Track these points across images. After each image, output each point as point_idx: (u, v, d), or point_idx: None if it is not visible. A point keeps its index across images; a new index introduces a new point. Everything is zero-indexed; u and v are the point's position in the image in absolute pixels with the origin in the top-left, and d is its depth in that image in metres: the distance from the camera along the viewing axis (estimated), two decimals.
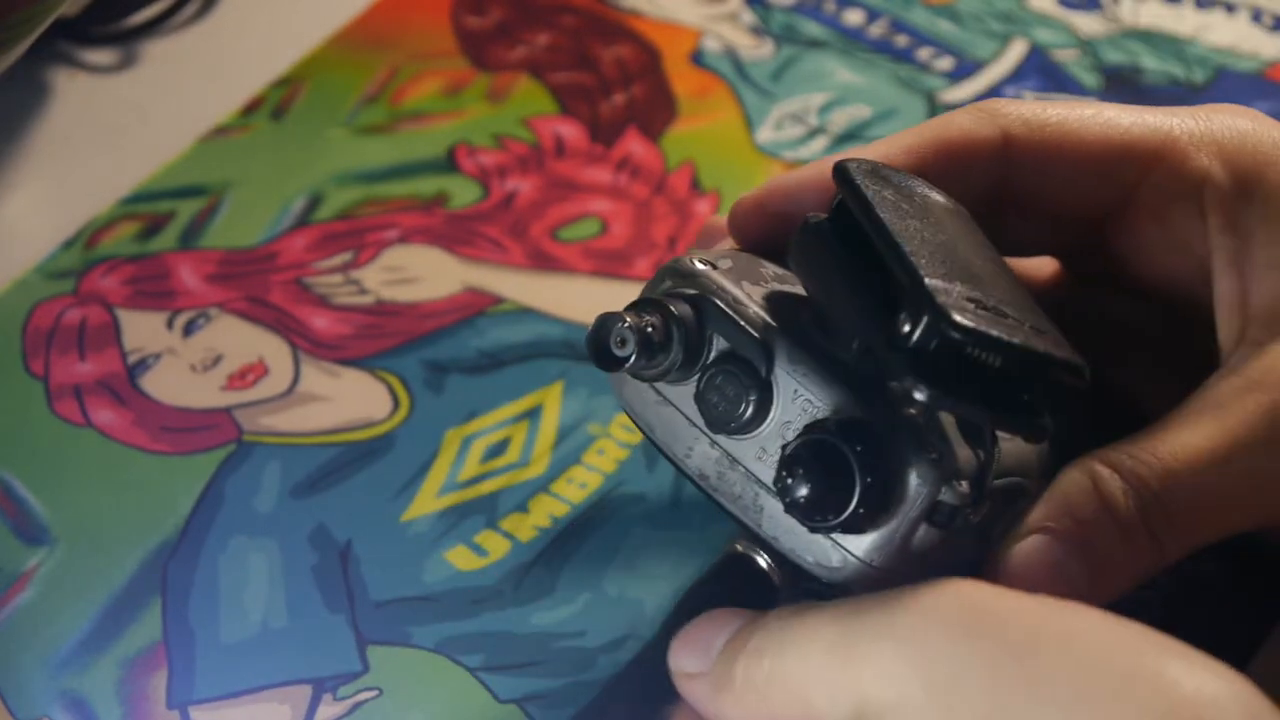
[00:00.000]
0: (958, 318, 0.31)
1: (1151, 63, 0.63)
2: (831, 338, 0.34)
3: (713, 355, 0.35)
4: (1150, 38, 0.64)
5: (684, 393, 0.35)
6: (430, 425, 0.49)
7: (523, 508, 0.47)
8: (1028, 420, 0.33)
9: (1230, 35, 0.65)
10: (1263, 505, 0.36)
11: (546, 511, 0.47)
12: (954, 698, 0.29)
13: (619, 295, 0.53)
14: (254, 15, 0.65)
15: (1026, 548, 0.34)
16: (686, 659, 0.35)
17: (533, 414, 0.49)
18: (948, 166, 0.38)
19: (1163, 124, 0.39)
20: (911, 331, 0.31)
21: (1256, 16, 0.65)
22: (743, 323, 0.34)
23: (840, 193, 0.34)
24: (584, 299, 0.53)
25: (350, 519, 0.46)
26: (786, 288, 0.36)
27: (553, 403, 0.50)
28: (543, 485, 0.47)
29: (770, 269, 0.37)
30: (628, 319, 0.34)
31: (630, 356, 0.34)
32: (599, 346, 0.34)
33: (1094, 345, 0.36)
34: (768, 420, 0.34)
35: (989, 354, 0.32)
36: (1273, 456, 0.36)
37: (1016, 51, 0.64)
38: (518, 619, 0.44)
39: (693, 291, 0.35)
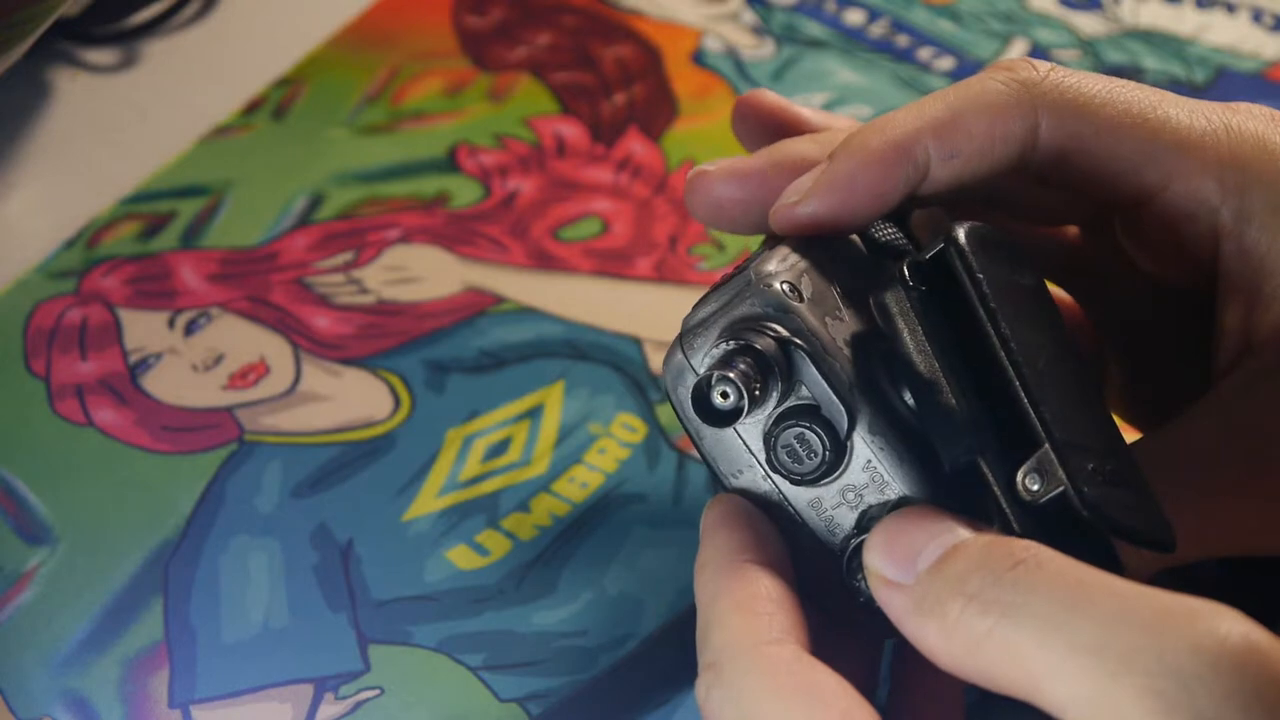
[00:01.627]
0: (1089, 494, 0.31)
1: (1152, 63, 0.63)
2: (921, 409, 0.34)
3: (791, 402, 0.34)
4: (1151, 38, 0.64)
5: (752, 424, 0.35)
6: (431, 425, 0.49)
7: (524, 507, 0.47)
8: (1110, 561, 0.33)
9: (1231, 35, 0.65)
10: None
11: (548, 511, 0.47)
12: None
13: (620, 295, 0.53)
14: (255, 15, 0.65)
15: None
16: (884, 561, 0.32)
17: (534, 413, 0.49)
18: (978, 140, 0.37)
19: (1189, 135, 0.37)
20: (1040, 494, 0.32)
21: (1257, 16, 0.65)
22: (832, 382, 0.34)
23: (953, 267, 0.33)
24: (585, 298, 0.53)
25: (351, 518, 0.46)
26: (864, 325, 0.35)
27: (554, 402, 0.50)
28: (544, 485, 0.47)
29: (838, 284, 0.36)
30: (727, 373, 0.33)
31: (743, 408, 0.33)
32: (707, 408, 0.33)
33: (1104, 319, 0.35)
34: (833, 479, 0.34)
35: (1102, 525, 0.32)
36: (1243, 508, 0.35)
37: (1017, 51, 0.64)
38: (519, 618, 0.44)
39: (783, 332, 0.34)
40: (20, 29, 0.53)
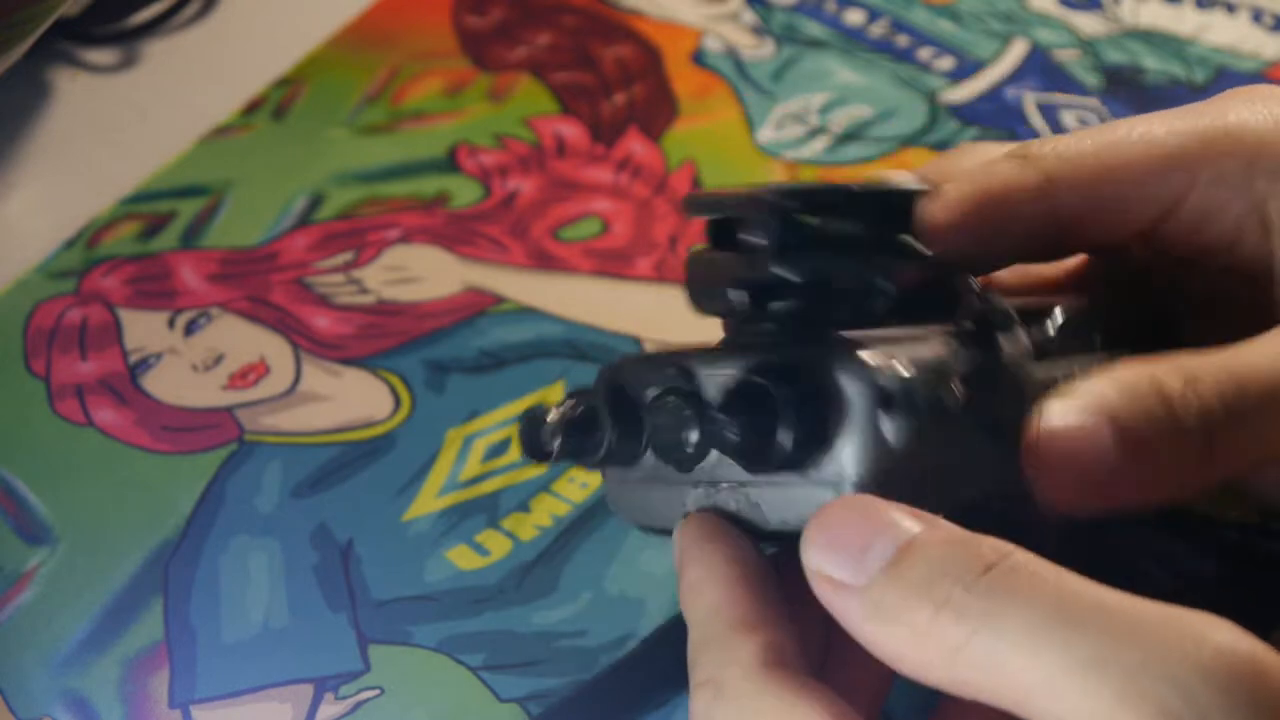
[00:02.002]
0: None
1: (1152, 63, 0.63)
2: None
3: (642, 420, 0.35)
4: (1151, 38, 0.64)
5: (647, 464, 0.36)
6: (431, 425, 0.49)
7: (524, 507, 0.47)
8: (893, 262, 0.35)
9: (1231, 35, 0.65)
10: None
11: (548, 511, 0.47)
12: None
13: (620, 295, 0.53)
14: (254, 15, 0.65)
15: (1072, 428, 0.32)
16: (828, 560, 0.31)
17: None
18: (993, 219, 0.37)
19: (1199, 124, 0.38)
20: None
21: (1257, 16, 0.65)
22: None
23: None
24: (585, 298, 0.53)
25: (351, 518, 0.46)
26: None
27: (554, 402, 0.50)
28: (544, 484, 0.47)
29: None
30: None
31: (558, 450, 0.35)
32: (537, 451, 0.37)
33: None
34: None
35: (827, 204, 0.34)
36: None
37: (1017, 51, 0.64)
38: (519, 618, 0.44)
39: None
40: (20, 29, 0.53)
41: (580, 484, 0.47)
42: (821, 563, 0.31)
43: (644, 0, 0.66)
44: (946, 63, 0.63)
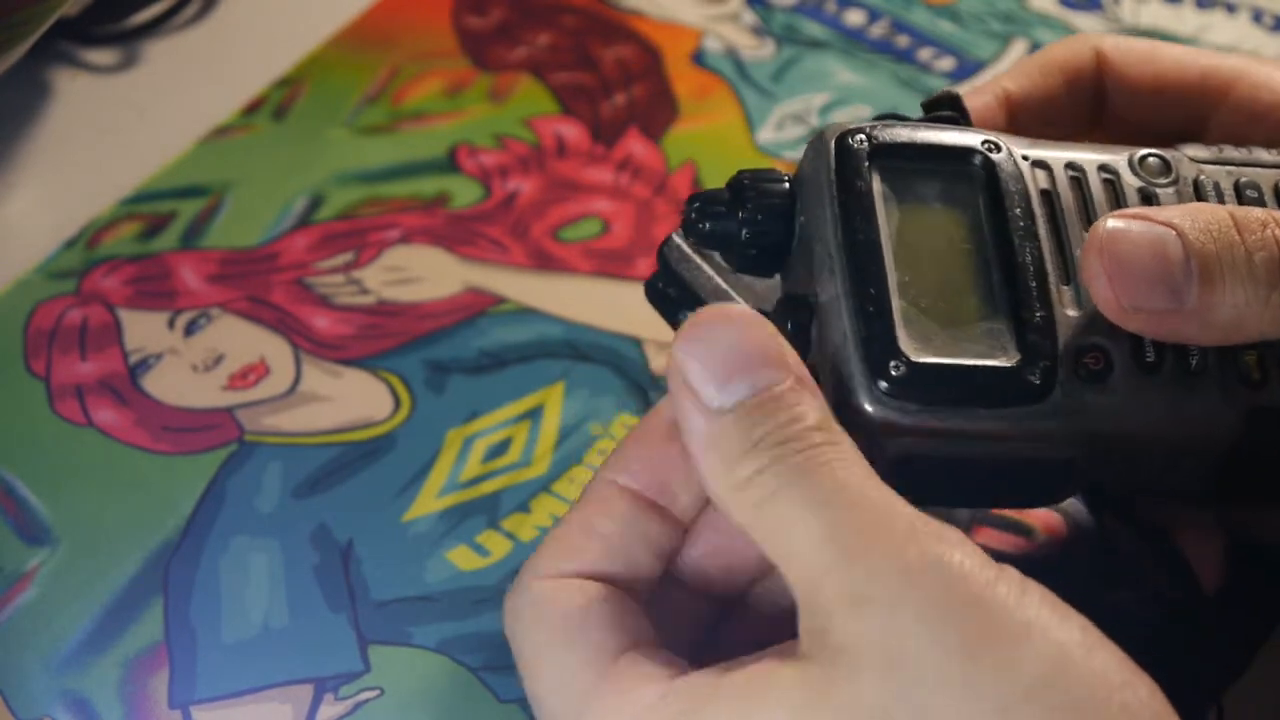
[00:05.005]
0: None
1: None
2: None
3: None
4: (1151, 38, 0.64)
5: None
6: (432, 425, 0.49)
7: (524, 508, 0.47)
8: None
9: (1231, 35, 0.65)
10: None
11: (548, 511, 0.47)
12: (906, 679, 0.30)
13: (620, 295, 0.53)
14: (255, 15, 0.65)
15: (1144, 229, 0.35)
16: (693, 370, 0.33)
17: (534, 414, 0.49)
18: (1054, 88, 0.42)
19: (1230, 59, 0.43)
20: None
21: (1257, 17, 0.65)
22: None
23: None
24: (585, 299, 0.53)
25: (352, 519, 0.46)
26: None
27: (554, 403, 0.50)
28: (544, 485, 0.47)
29: None
30: None
31: None
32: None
33: None
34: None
35: None
36: None
37: (1017, 52, 0.64)
38: None
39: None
40: (20, 29, 0.53)
41: (580, 485, 0.47)
42: (686, 368, 0.33)
43: (644, 0, 0.66)
44: (947, 63, 0.63)
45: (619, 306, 0.53)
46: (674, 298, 0.40)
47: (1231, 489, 0.38)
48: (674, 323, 0.41)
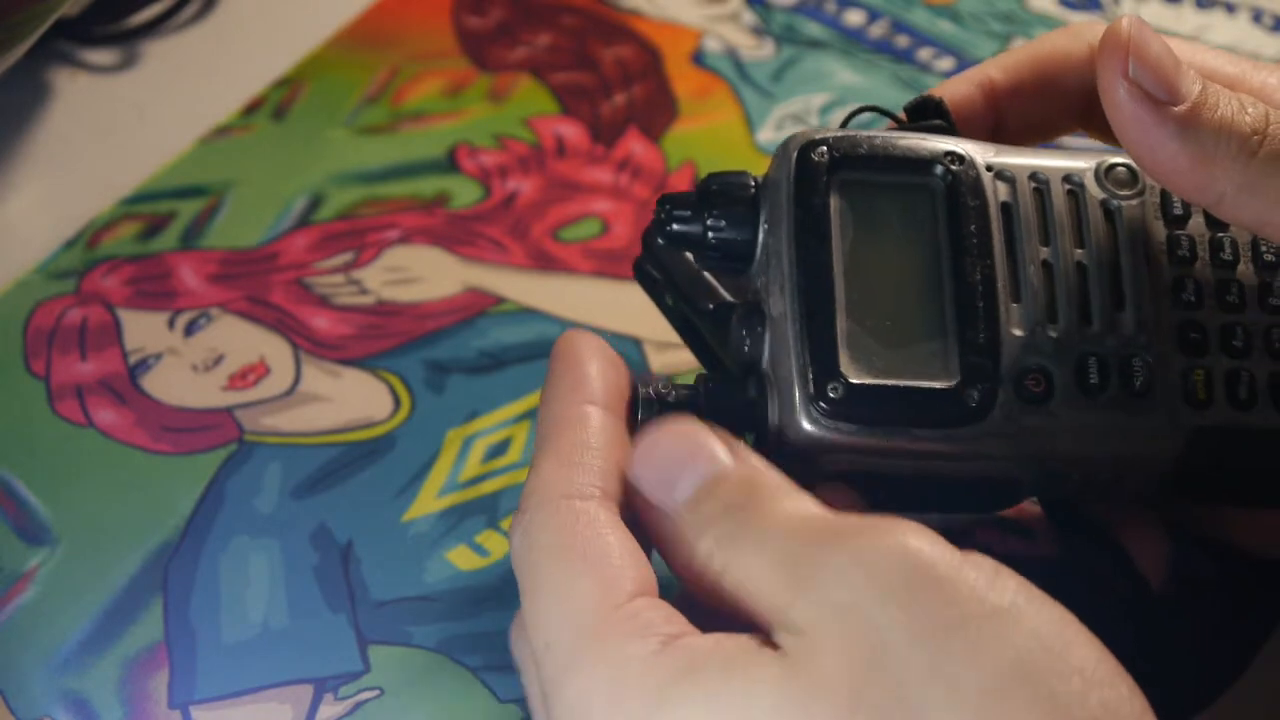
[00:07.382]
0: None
1: None
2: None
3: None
4: None
5: None
6: (431, 425, 0.49)
7: None
8: None
9: (1230, 35, 0.65)
10: None
11: None
12: (873, 662, 0.30)
13: (620, 295, 0.53)
14: (254, 15, 0.65)
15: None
16: (650, 479, 0.35)
17: (534, 414, 0.49)
18: (1044, 80, 0.42)
19: (1230, 62, 0.42)
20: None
21: (1257, 17, 0.65)
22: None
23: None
24: (585, 299, 0.53)
25: (351, 519, 0.46)
26: None
27: None
28: None
29: None
30: None
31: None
32: None
33: None
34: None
35: None
36: None
37: None
38: None
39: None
40: (20, 29, 0.53)
41: None
42: (643, 481, 0.35)
43: (644, 1, 0.66)
44: (946, 63, 0.63)
45: (618, 306, 0.53)
46: (658, 280, 0.41)
47: (1180, 497, 0.38)
48: (659, 303, 0.41)
